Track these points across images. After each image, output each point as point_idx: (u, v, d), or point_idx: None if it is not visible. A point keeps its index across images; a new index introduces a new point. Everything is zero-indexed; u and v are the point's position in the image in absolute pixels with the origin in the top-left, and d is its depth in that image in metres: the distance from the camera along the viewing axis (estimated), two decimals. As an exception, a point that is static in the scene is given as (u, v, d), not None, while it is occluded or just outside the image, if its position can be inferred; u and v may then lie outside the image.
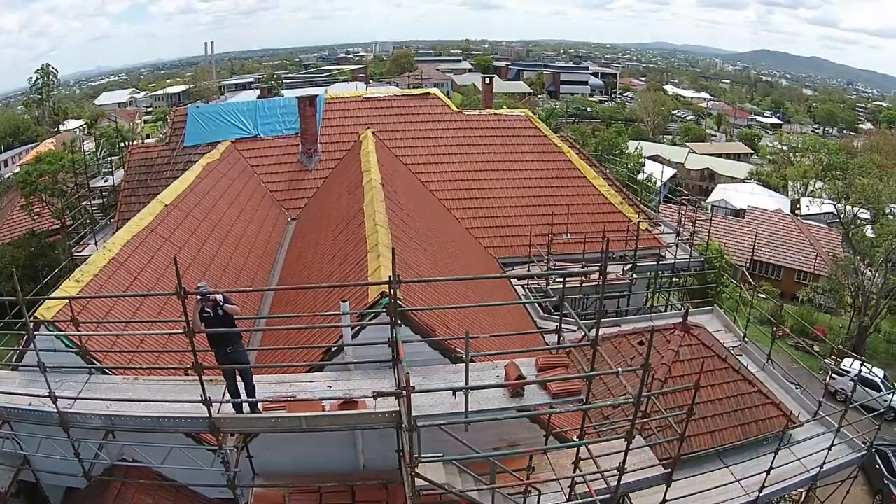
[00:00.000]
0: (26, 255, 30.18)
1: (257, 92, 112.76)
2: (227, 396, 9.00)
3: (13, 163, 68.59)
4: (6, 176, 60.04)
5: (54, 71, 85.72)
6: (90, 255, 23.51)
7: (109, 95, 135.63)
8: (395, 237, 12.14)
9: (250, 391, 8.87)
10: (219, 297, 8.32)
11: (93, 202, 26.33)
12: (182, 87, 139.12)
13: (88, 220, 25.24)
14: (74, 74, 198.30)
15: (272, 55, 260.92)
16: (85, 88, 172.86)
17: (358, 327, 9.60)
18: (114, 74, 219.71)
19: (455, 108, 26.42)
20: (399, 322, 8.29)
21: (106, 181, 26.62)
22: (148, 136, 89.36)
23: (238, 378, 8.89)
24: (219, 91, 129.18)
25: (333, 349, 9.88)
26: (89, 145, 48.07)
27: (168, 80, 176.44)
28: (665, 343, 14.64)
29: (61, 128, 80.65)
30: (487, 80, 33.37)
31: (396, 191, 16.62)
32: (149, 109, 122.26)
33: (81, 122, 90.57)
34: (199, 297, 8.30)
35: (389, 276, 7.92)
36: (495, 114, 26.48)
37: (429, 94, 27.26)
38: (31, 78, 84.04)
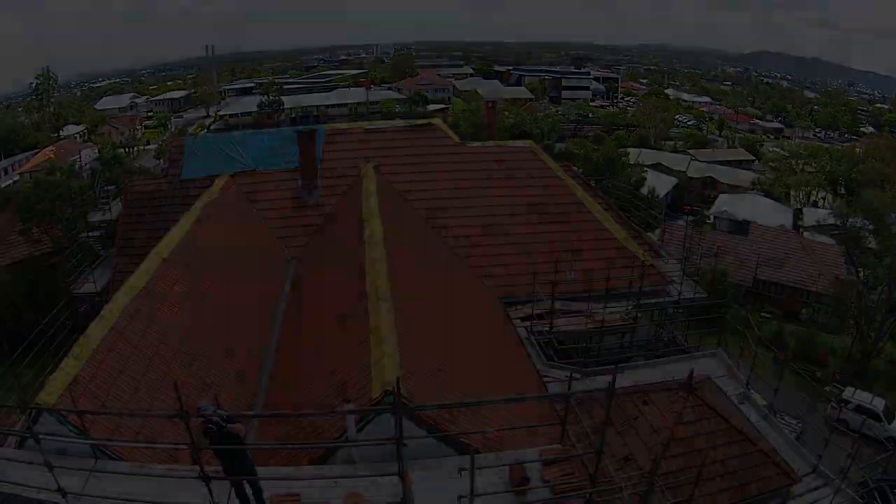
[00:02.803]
0: (26, 282, 30.11)
1: (258, 98, 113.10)
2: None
3: (13, 170, 68.34)
4: (4, 185, 59.73)
5: (54, 76, 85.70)
6: (89, 293, 23.72)
7: (110, 100, 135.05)
8: (396, 310, 12.03)
9: (258, 496, 8.81)
10: (222, 416, 8.23)
11: (90, 234, 26.15)
12: (183, 92, 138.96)
13: (87, 256, 25.03)
14: (75, 75, 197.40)
15: (273, 57, 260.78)
16: (86, 90, 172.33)
17: (363, 422, 9.56)
18: (115, 76, 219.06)
19: (457, 141, 26.16)
20: (404, 440, 8.16)
21: (104, 214, 26.44)
22: (149, 143, 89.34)
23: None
24: (219, 96, 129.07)
25: (338, 446, 9.80)
26: (87, 152, 47.73)
27: (169, 83, 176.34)
28: (669, 405, 14.57)
29: (61, 133, 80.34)
30: (490, 104, 33.07)
31: (399, 243, 16.51)
32: (149, 114, 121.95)
33: (81, 127, 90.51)
34: (201, 418, 8.20)
35: (393, 401, 7.82)
36: (498, 145, 26.23)
37: (430, 124, 27.08)
38: (31, 83, 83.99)
